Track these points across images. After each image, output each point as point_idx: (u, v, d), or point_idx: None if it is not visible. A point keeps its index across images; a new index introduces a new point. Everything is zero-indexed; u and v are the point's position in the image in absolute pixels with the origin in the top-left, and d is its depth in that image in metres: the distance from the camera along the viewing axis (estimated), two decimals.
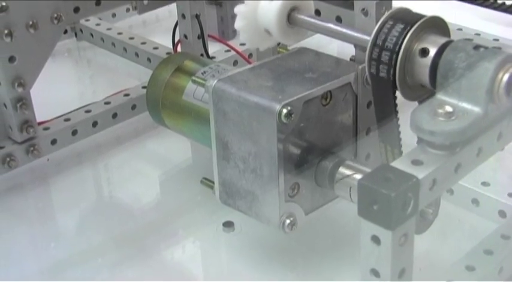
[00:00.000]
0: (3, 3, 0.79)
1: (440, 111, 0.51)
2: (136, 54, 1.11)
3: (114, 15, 1.25)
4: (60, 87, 1.14)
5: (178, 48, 1.02)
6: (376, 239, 0.49)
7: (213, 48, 1.07)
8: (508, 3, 1.14)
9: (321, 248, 0.77)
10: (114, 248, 0.80)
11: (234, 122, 0.64)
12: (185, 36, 1.00)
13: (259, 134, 0.62)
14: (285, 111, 0.60)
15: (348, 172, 0.64)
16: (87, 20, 1.21)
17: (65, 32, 1.22)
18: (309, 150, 0.64)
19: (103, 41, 1.17)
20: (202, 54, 1.00)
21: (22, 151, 0.88)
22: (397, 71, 0.54)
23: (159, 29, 1.30)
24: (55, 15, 0.83)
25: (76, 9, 0.86)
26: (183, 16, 0.99)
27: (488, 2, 1.06)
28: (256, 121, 0.62)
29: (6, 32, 0.80)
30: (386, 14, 0.56)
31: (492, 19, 1.22)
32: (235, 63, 1.04)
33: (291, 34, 0.64)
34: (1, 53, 0.81)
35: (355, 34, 0.60)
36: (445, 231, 0.74)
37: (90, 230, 0.84)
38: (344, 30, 0.61)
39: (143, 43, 1.11)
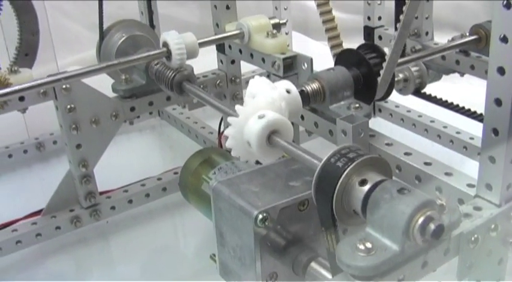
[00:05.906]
0: (72, 105, 0.79)
1: (360, 246, 0.45)
2: (196, 136, 1.08)
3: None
4: (144, 156, 1.13)
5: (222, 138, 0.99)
6: None
7: None
8: None
9: None
10: None
11: (226, 218, 0.60)
12: None
13: (242, 231, 0.58)
14: (260, 216, 0.55)
15: (317, 268, 0.58)
16: None
17: (151, 113, 1.21)
18: (286, 245, 0.59)
19: (175, 122, 1.15)
20: None
21: (86, 214, 0.87)
22: (335, 199, 0.48)
23: None
24: (113, 113, 0.83)
25: (132, 109, 0.85)
26: None
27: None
28: (240, 220, 0.58)
29: (73, 126, 0.80)
30: (336, 148, 0.50)
31: None
32: None
33: (270, 153, 0.59)
34: (70, 142, 0.81)
35: (314, 161, 0.54)
36: None
37: (142, 274, 0.84)
38: (307, 157, 0.55)
39: (202, 127, 1.08)
